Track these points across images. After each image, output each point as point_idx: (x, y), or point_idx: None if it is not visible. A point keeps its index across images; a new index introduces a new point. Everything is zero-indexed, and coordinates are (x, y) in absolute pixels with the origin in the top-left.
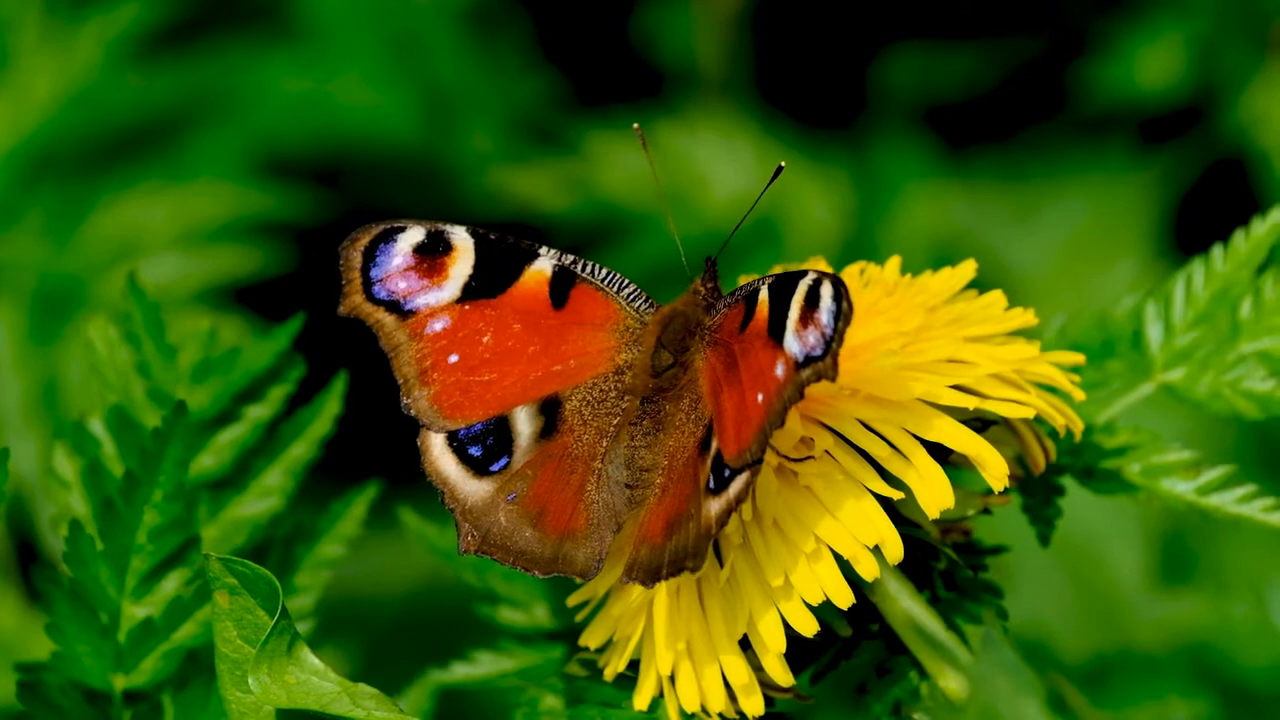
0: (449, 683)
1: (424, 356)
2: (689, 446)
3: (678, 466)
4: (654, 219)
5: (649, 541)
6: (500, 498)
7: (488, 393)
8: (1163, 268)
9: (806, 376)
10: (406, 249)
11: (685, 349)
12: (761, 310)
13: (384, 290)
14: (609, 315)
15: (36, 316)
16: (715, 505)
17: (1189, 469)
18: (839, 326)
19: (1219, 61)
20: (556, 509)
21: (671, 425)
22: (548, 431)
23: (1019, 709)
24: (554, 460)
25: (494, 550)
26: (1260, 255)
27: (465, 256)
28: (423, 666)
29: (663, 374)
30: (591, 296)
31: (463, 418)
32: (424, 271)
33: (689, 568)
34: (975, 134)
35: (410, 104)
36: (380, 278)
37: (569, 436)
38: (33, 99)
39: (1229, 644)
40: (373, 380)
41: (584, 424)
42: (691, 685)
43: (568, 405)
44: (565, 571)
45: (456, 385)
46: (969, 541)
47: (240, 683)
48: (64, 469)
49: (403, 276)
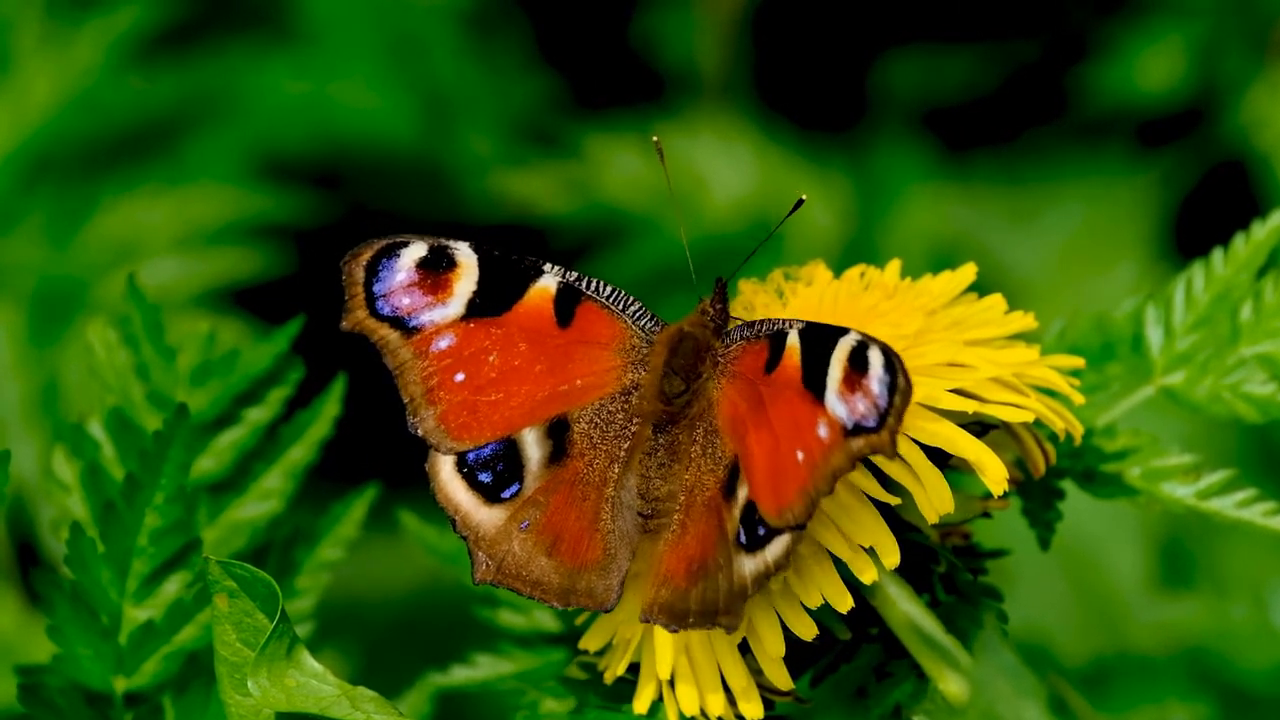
0: (448, 686)
1: (430, 375)
2: (709, 485)
3: (697, 504)
4: (654, 222)
5: (670, 583)
6: (513, 526)
7: (495, 413)
8: (1163, 271)
9: (859, 447)
10: (410, 264)
11: (697, 375)
12: (792, 357)
13: (387, 306)
14: (615, 334)
15: (36, 319)
16: (750, 565)
17: (1189, 473)
18: (895, 402)
19: (1219, 64)
20: (572, 538)
21: (686, 456)
22: (558, 456)
23: (1019, 712)
24: (566, 486)
25: (510, 580)
26: (1260, 258)
27: (469, 273)
28: (422, 669)
29: (674, 400)
30: (596, 314)
31: (470, 439)
32: (428, 288)
33: (724, 625)
34: (975, 137)
35: (410, 106)
36: (383, 293)
37: (579, 461)
38: (33, 101)
39: (1228, 647)
40: (372, 383)
41: (594, 448)
42: (691, 689)
43: (576, 428)
44: (585, 604)
45: (464, 405)
46: (969, 545)
47: (240, 686)
48: (64, 472)
49: (406, 293)
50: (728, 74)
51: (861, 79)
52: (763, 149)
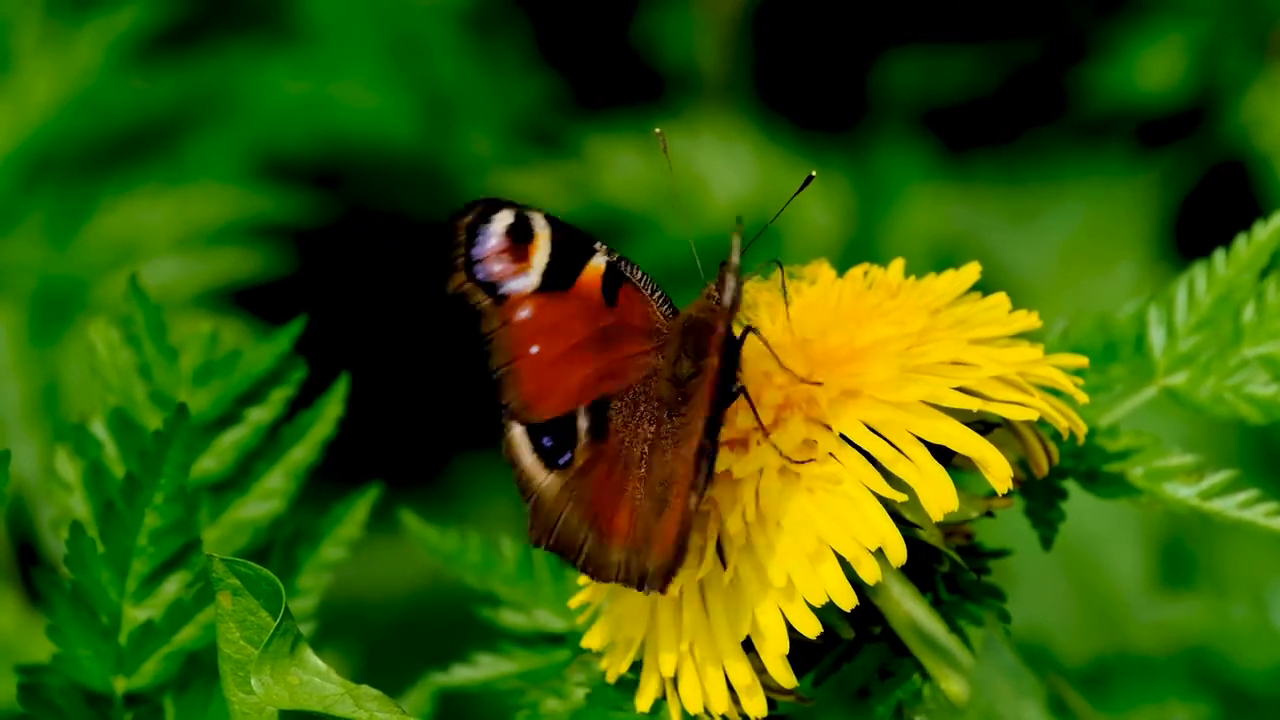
0: (450, 685)
1: (514, 344)
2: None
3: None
4: (654, 222)
5: (666, 550)
6: (566, 495)
7: (559, 385)
8: (1163, 271)
9: None
10: (501, 230)
11: (704, 356)
12: None
13: (483, 271)
14: (645, 317)
15: (37, 319)
16: (693, 499)
17: (1191, 473)
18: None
19: (1219, 64)
20: (610, 514)
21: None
22: (600, 433)
23: (1020, 711)
24: (605, 463)
25: (559, 548)
26: (1263, 259)
27: (544, 245)
28: (424, 669)
29: (685, 383)
30: (633, 297)
31: (539, 411)
32: (513, 256)
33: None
34: (975, 137)
35: (410, 106)
36: (480, 258)
37: (615, 439)
38: (33, 101)
39: (1229, 647)
40: (374, 383)
41: (627, 427)
42: (694, 687)
43: (614, 407)
44: (628, 581)
45: (536, 376)
46: (971, 544)
47: (243, 683)
48: (65, 471)
49: (498, 259)
50: (728, 74)
51: (862, 79)
52: (763, 149)
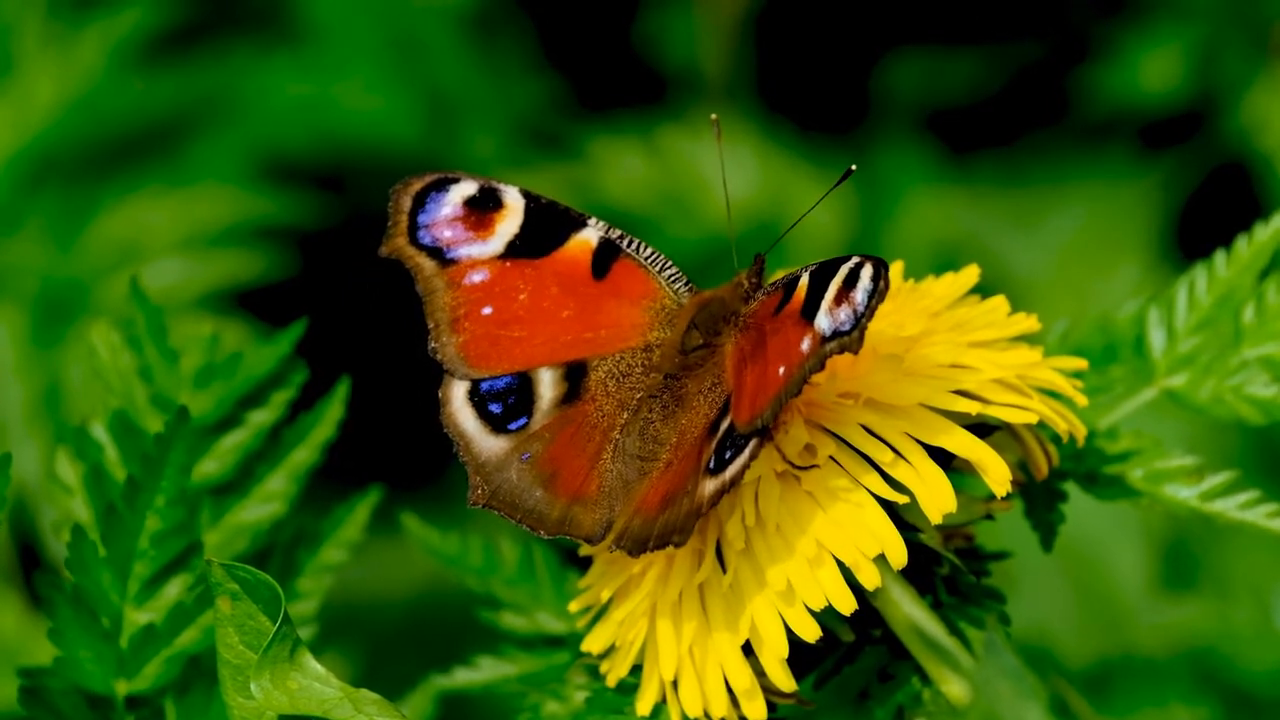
0: (451, 688)
1: (458, 305)
2: (699, 426)
3: (686, 444)
4: (655, 223)
5: (643, 513)
6: (514, 456)
7: (516, 348)
8: (1165, 273)
9: (830, 349)
10: (457, 200)
11: (717, 333)
12: (799, 294)
13: (429, 236)
14: (647, 292)
15: (39, 321)
16: (710, 485)
17: (1191, 475)
18: (872, 304)
19: (1220, 66)
20: (570, 473)
21: (689, 403)
22: (570, 397)
23: (1021, 714)
24: (573, 426)
25: (502, 506)
26: (1263, 260)
27: (514, 216)
28: (425, 672)
29: (691, 353)
30: (632, 272)
31: (487, 368)
32: (471, 224)
33: (675, 542)
34: (977, 139)
35: (412, 108)
36: (427, 223)
37: (590, 405)
38: (35, 103)
39: (1231, 649)
40: (375, 385)
41: (607, 394)
42: (694, 690)
43: (593, 374)
44: (571, 534)
45: (486, 336)
46: (971, 547)
47: (242, 688)
48: (66, 474)
49: (449, 226)
50: (730, 76)
51: (864, 81)
52: (765, 151)
